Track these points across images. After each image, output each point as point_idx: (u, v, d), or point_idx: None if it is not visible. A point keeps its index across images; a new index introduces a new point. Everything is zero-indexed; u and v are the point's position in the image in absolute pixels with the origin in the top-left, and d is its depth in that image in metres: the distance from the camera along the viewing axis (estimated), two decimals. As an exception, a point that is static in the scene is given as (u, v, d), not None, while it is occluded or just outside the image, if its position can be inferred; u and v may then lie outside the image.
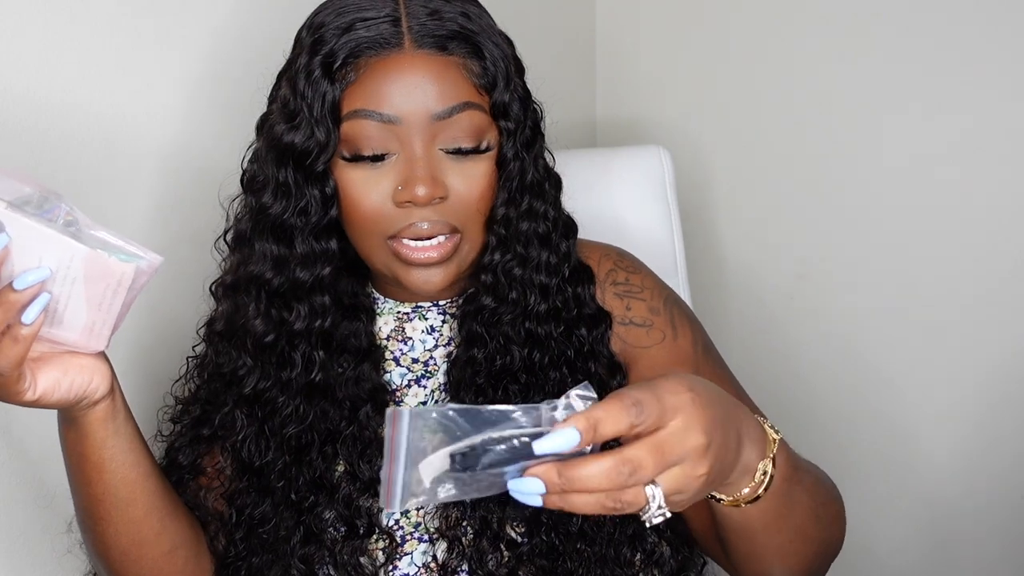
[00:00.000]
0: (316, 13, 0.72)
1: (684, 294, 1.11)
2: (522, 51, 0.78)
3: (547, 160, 0.78)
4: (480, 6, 0.74)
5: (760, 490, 0.58)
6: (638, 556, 0.74)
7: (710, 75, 1.41)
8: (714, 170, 1.42)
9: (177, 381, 0.84)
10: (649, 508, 0.49)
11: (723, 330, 1.40)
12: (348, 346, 0.76)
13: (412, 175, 0.68)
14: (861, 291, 1.30)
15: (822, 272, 1.33)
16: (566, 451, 0.47)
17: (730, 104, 1.39)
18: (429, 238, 0.70)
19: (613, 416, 0.48)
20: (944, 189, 1.20)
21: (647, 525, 0.51)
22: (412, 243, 0.70)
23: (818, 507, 0.67)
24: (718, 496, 0.59)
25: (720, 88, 1.40)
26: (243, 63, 0.97)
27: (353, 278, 0.78)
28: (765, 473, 0.57)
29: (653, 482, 0.49)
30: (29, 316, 0.57)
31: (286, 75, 0.73)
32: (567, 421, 0.48)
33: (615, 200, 1.12)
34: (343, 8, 0.70)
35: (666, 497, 0.49)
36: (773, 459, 0.58)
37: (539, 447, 0.47)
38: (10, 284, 0.56)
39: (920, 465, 1.29)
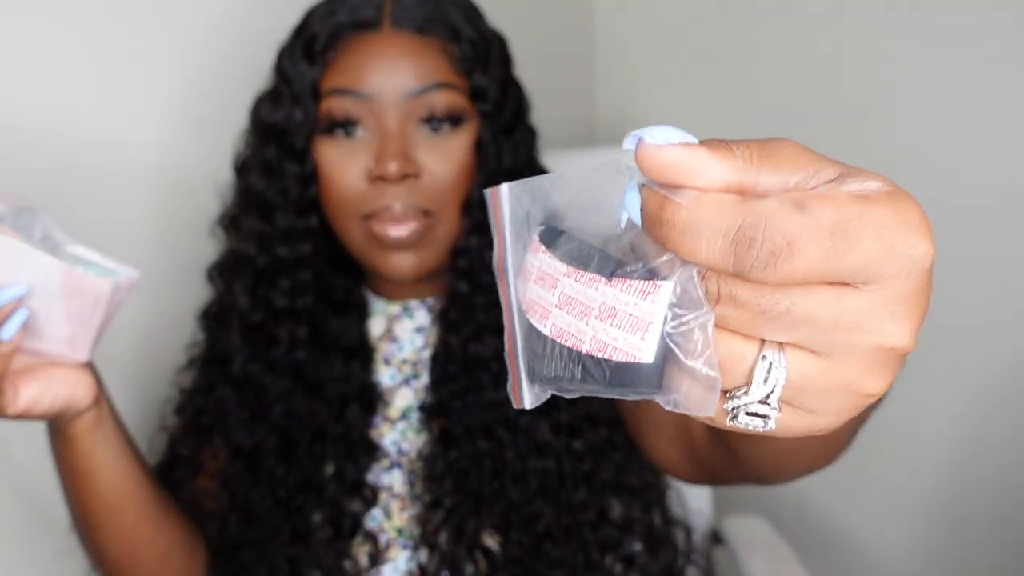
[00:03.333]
0: (314, 4, 0.75)
1: (684, 293, 1.11)
2: (522, 50, 0.78)
3: (535, 154, 0.79)
4: (470, 1, 0.76)
5: None
6: (618, 566, 0.73)
7: (710, 74, 1.41)
8: (714, 169, 1.42)
9: (181, 370, 0.85)
10: (747, 388, 0.26)
11: (723, 329, 1.40)
12: (339, 343, 0.76)
13: (384, 150, 0.69)
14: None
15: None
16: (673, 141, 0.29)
17: (730, 102, 1.39)
18: (401, 221, 0.70)
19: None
20: (944, 189, 1.20)
21: (731, 418, 0.27)
22: (388, 223, 0.70)
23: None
24: None
25: (720, 86, 1.40)
26: (234, 62, 0.97)
27: (346, 275, 0.79)
28: None
29: (777, 346, 0.26)
30: (7, 333, 0.57)
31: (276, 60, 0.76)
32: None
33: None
34: None
35: (790, 378, 0.26)
36: None
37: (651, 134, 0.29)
38: None
39: (920, 465, 1.29)
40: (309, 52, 0.71)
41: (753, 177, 0.25)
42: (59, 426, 0.66)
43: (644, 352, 0.27)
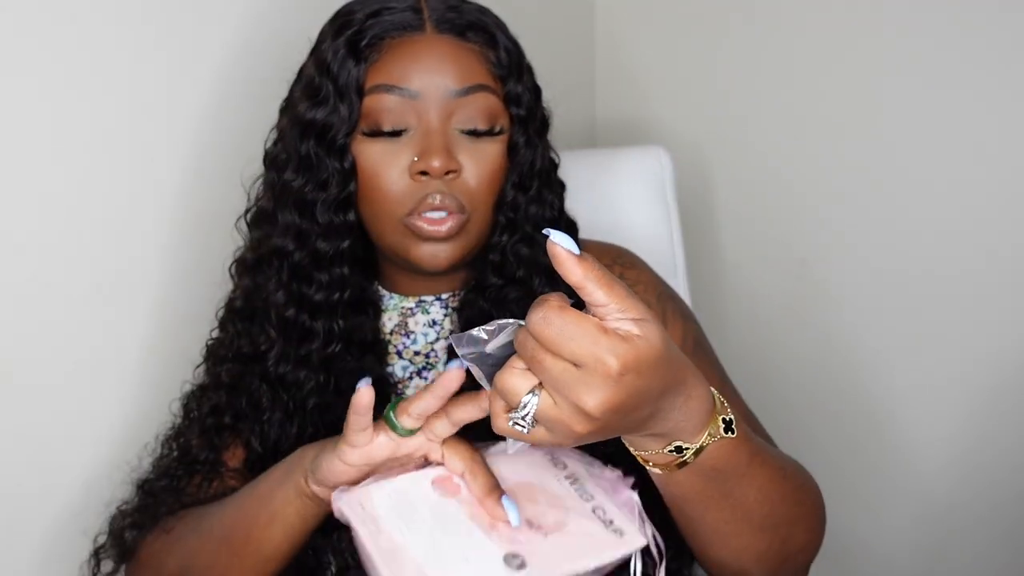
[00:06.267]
0: (341, 7, 0.77)
1: (684, 294, 1.11)
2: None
3: (554, 159, 0.82)
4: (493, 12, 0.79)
5: (672, 464, 0.57)
6: None
7: (710, 75, 1.42)
8: (714, 170, 1.42)
9: (198, 367, 0.85)
10: (516, 412, 0.50)
11: (722, 329, 1.41)
12: (353, 339, 0.78)
13: (429, 147, 0.72)
14: (860, 291, 1.30)
15: (821, 273, 1.33)
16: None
17: (730, 104, 1.40)
18: (440, 210, 0.73)
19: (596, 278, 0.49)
20: (945, 190, 1.20)
21: (508, 425, 0.51)
22: (427, 215, 0.73)
23: (774, 502, 0.64)
24: (629, 446, 0.59)
25: (720, 88, 1.41)
26: (263, 62, 0.97)
27: (361, 274, 0.80)
28: (680, 451, 0.56)
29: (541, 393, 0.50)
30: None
31: (311, 58, 0.77)
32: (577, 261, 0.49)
33: (615, 200, 1.12)
34: (368, 0, 0.75)
35: (536, 416, 0.50)
36: (699, 449, 0.56)
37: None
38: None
39: (917, 464, 1.29)
40: (354, 50, 0.73)
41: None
42: (295, 466, 0.68)
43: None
